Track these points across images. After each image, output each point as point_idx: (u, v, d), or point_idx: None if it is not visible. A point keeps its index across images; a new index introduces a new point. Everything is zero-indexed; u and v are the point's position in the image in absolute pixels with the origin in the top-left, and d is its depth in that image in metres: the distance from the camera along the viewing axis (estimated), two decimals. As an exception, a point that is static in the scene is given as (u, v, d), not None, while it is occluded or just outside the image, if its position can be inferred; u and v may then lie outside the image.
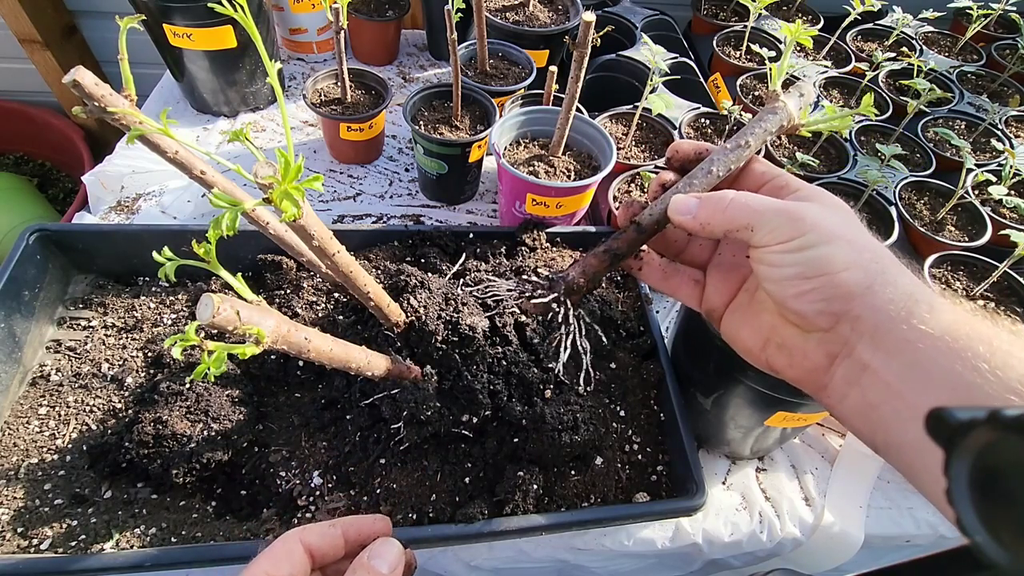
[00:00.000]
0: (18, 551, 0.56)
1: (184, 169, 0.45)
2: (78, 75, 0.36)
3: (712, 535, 0.73)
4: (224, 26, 0.99)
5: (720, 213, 0.45)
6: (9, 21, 1.50)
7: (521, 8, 1.18)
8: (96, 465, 0.61)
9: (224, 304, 0.35)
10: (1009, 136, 1.22)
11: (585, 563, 0.74)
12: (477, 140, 0.94)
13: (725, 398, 0.68)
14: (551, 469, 0.65)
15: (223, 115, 1.16)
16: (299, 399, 0.69)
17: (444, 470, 0.62)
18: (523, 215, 0.86)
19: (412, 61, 1.39)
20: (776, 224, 0.42)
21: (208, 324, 0.34)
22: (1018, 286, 0.89)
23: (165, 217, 0.97)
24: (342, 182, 1.08)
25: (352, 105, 1.01)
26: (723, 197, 0.45)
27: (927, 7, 1.33)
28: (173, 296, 0.77)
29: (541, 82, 0.99)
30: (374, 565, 0.42)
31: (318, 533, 0.43)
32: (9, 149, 1.89)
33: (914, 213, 1.03)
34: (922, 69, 1.15)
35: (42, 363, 0.69)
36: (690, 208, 0.47)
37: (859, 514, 0.76)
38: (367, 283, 0.50)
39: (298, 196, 0.35)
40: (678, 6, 1.54)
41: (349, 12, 1.03)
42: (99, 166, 1.01)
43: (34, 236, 0.71)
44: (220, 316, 0.34)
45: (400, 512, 0.59)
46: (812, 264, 0.41)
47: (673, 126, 1.06)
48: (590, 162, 0.90)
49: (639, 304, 0.79)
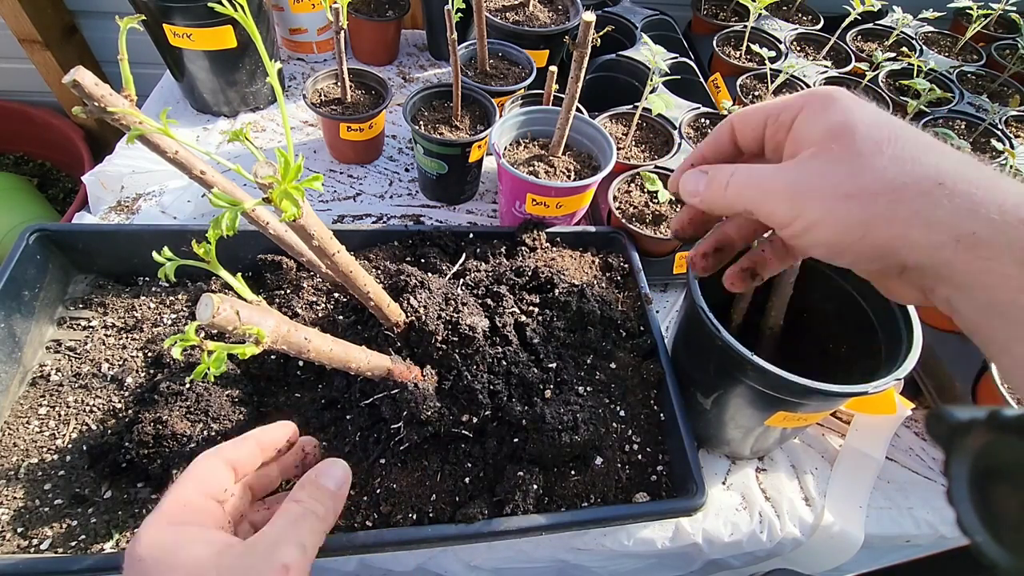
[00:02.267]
0: (18, 551, 0.56)
1: (184, 169, 0.45)
2: (78, 75, 0.36)
3: (712, 535, 0.73)
4: (224, 26, 0.99)
5: (721, 197, 0.39)
6: (9, 21, 1.50)
7: (521, 8, 1.18)
8: (96, 465, 0.61)
9: (224, 304, 0.35)
10: (1009, 136, 1.22)
11: (585, 563, 0.74)
12: (477, 140, 0.94)
13: (725, 398, 0.68)
14: (551, 469, 0.65)
15: (223, 115, 1.16)
16: (299, 399, 0.69)
17: (444, 470, 0.62)
18: (523, 215, 0.86)
19: (412, 61, 1.39)
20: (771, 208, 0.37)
21: (208, 324, 0.34)
22: (1018, 286, 0.89)
23: (165, 217, 0.97)
24: (342, 182, 1.08)
25: (352, 105, 1.01)
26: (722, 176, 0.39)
27: (927, 7, 1.33)
28: (173, 296, 0.77)
29: (541, 82, 0.99)
30: (322, 483, 0.43)
31: (231, 446, 0.44)
32: (9, 149, 1.89)
33: (914, 213, 1.03)
34: (922, 69, 1.15)
35: (42, 363, 0.69)
36: (698, 188, 0.41)
37: (859, 514, 0.76)
38: (367, 283, 0.50)
39: (298, 196, 0.35)
40: (678, 6, 1.54)
41: (349, 12, 1.03)
42: (99, 166, 1.01)
43: (34, 236, 0.71)
44: (220, 316, 0.34)
45: (400, 512, 0.59)
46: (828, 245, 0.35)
47: (673, 126, 1.06)
48: (590, 162, 0.90)
49: (639, 304, 0.79)
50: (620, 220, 0.87)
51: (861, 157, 0.33)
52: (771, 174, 0.37)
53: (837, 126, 0.34)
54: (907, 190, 0.32)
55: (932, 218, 0.31)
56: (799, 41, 1.42)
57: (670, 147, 1.03)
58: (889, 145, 0.33)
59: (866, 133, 0.33)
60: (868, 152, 0.33)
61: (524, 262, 0.79)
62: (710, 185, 0.41)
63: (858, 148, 0.33)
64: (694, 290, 0.63)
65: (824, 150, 0.35)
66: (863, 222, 0.33)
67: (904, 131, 0.34)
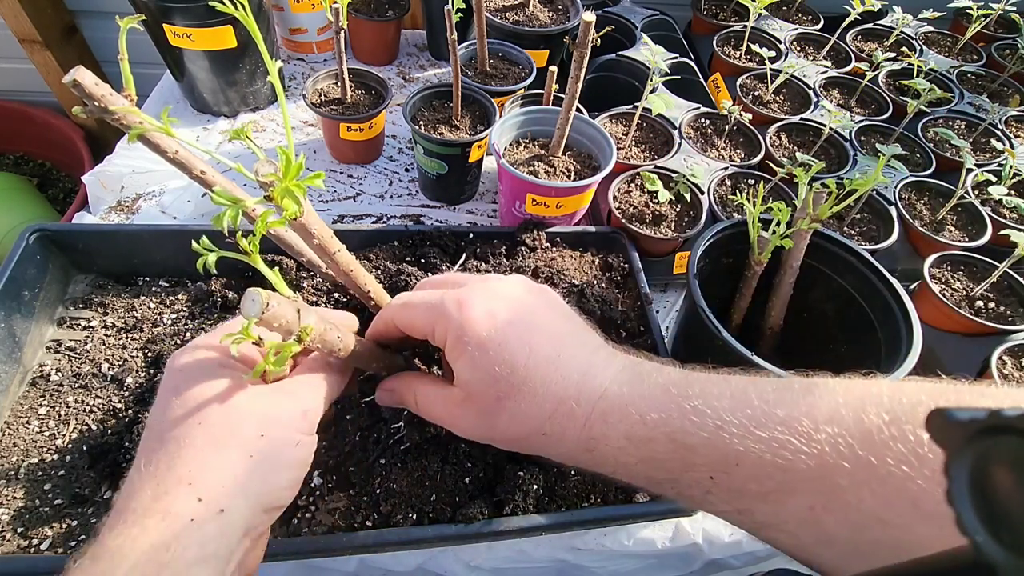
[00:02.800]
0: (18, 551, 0.56)
1: (184, 169, 0.45)
2: (78, 75, 0.36)
3: (712, 535, 0.73)
4: (224, 26, 0.99)
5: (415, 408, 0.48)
6: (9, 21, 1.50)
7: (521, 8, 1.18)
8: (96, 465, 0.61)
9: (273, 299, 0.34)
10: (1009, 136, 1.22)
11: (585, 563, 0.74)
12: (477, 140, 0.94)
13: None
14: (551, 469, 0.65)
15: (223, 115, 1.16)
16: (299, 399, 0.69)
17: (444, 470, 0.62)
18: (523, 215, 0.86)
19: (412, 61, 1.39)
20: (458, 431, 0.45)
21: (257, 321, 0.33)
22: (1018, 286, 0.89)
23: (165, 217, 0.97)
24: (342, 182, 1.08)
25: (352, 105, 1.01)
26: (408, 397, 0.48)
27: (927, 7, 1.33)
28: (173, 296, 0.77)
29: (541, 82, 0.99)
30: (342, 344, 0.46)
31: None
32: (9, 149, 1.89)
33: (914, 213, 1.03)
34: (922, 69, 1.15)
35: (42, 363, 0.69)
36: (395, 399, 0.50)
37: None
38: (367, 282, 0.50)
39: (299, 193, 0.35)
40: (678, 6, 1.54)
41: (349, 12, 1.03)
42: (99, 166, 1.01)
43: (34, 236, 0.71)
44: (271, 312, 0.34)
45: (400, 512, 0.59)
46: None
47: (673, 126, 1.06)
48: (590, 162, 0.90)
49: (639, 304, 0.79)
50: (620, 220, 0.87)
51: (490, 419, 0.42)
52: (445, 413, 0.45)
53: (467, 385, 0.43)
54: (528, 439, 0.42)
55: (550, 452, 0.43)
56: (799, 41, 1.42)
57: (670, 147, 1.03)
58: (506, 404, 0.41)
59: (487, 396, 0.42)
60: (491, 413, 0.42)
61: (524, 262, 0.79)
62: (403, 399, 0.49)
63: (486, 412, 0.42)
64: (694, 290, 0.63)
65: (467, 400, 0.43)
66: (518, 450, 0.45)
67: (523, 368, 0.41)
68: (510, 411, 0.41)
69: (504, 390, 0.41)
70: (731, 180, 1.00)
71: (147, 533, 0.33)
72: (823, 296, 0.74)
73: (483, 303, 0.43)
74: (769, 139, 1.09)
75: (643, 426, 0.38)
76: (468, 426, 0.44)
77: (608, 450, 0.40)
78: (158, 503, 0.34)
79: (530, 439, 0.42)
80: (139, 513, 0.34)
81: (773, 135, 1.11)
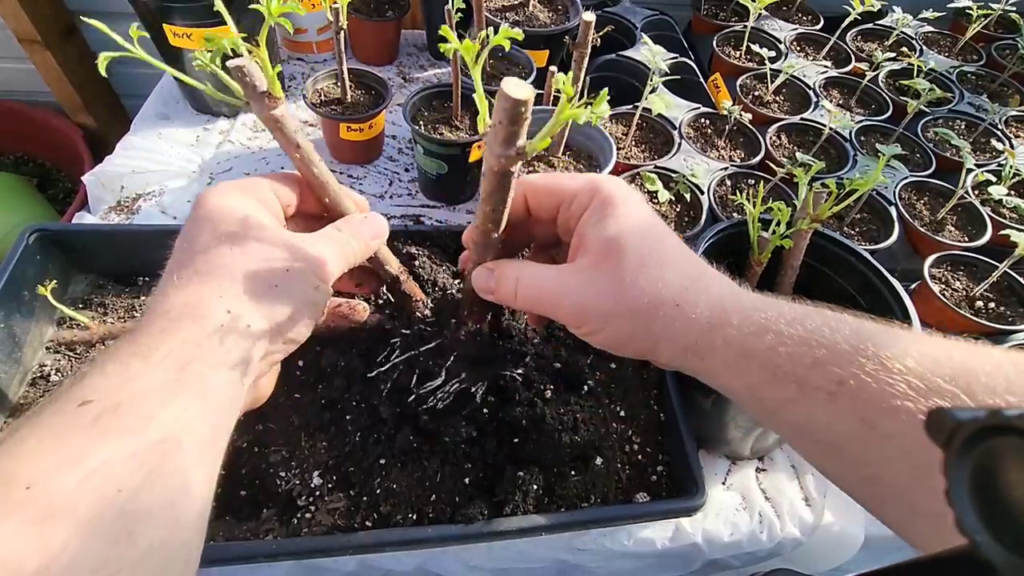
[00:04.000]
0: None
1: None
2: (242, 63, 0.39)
3: (712, 535, 0.73)
4: (224, 26, 0.99)
5: (513, 300, 0.47)
6: (9, 21, 1.50)
7: (521, 8, 1.18)
8: (96, 465, 0.61)
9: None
10: (1009, 136, 1.22)
11: (585, 563, 0.74)
12: (477, 140, 0.94)
13: (725, 398, 0.67)
14: (551, 469, 0.64)
15: (223, 115, 1.16)
16: (299, 399, 0.69)
17: (444, 470, 0.62)
18: (523, 215, 0.86)
19: (412, 61, 1.39)
20: (562, 316, 0.45)
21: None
22: (1018, 286, 0.89)
23: (165, 217, 0.97)
24: (342, 182, 1.07)
25: (352, 105, 1.01)
26: (510, 280, 0.47)
27: (927, 7, 1.33)
28: (173, 296, 0.77)
29: (541, 82, 0.99)
30: (362, 229, 0.49)
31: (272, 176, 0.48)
32: (9, 149, 1.89)
33: (914, 213, 1.03)
34: (922, 69, 1.15)
35: (42, 363, 0.69)
36: (490, 286, 0.48)
37: (859, 514, 0.76)
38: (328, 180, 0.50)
39: None
40: (678, 6, 1.54)
41: (349, 12, 1.03)
42: (99, 166, 1.01)
43: (34, 236, 0.71)
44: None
45: (400, 512, 0.59)
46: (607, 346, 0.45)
47: (673, 126, 1.06)
48: (590, 162, 0.91)
49: (639, 304, 0.79)
50: (620, 220, 0.87)
51: (626, 277, 0.42)
52: (557, 286, 0.45)
53: (611, 241, 0.43)
54: (657, 310, 0.42)
55: (671, 335, 0.42)
56: (799, 41, 1.42)
57: (670, 147, 1.03)
58: (647, 266, 0.42)
59: (633, 251, 0.42)
60: (632, 270, 0.42)
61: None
62: (500, 287, 0.47)
63: (624, 268, 0.42)
64: (694, 290, 0.63)
65: (600, 262, 0.43)
66: (629, 335, 0.43)
67: (661, 244, 0.43)
68: (649, 274, 0.42)
69: (649, 249, 0.43)
70: (731, 180, 1.00)
71: (181, 331, 0.36)
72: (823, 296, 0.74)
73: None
74: (769, 139, 1.09)
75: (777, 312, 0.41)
76: (591, 293, 0.43)
77: (735, 334, 0.40)
78: (192, 309, 0.37)
79: (662, 308, 0.42)
80: (172, 317, 0.37)
81: (773, 135, 1.11)
